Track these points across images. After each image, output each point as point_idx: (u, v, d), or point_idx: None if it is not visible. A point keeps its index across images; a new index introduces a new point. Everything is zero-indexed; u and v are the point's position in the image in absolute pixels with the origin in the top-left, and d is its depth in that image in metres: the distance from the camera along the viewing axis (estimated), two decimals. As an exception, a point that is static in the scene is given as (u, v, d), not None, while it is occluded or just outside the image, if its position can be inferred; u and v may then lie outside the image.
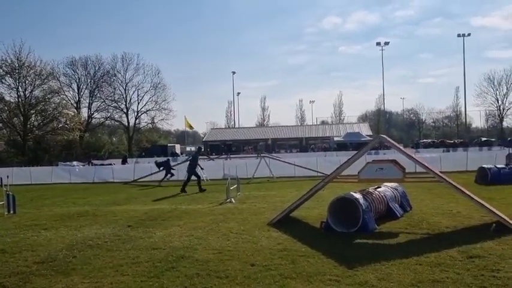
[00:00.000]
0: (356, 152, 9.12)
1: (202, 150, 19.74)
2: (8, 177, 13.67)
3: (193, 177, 16.33)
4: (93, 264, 5.87)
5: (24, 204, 13.00)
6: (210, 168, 21.90)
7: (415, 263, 5.44)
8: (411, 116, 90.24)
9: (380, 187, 9.14)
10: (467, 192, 7.61)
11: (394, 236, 7.07)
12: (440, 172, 8.23)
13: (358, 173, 8.18)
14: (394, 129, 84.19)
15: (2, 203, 11.34)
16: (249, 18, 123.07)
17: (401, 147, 8.66)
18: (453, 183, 7.65)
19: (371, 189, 8.77)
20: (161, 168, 20.70)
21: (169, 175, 20.45)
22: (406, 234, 7.20)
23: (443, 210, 9.40)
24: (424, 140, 61.52)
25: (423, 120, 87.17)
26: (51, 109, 47.63)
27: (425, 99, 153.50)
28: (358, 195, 7.71)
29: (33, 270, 5.71)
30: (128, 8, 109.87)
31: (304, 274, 5.12)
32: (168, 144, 61.79)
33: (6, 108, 45.55)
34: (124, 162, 31.81)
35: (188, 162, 17.42)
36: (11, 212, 11.18)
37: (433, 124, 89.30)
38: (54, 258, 6.30)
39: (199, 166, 17.45)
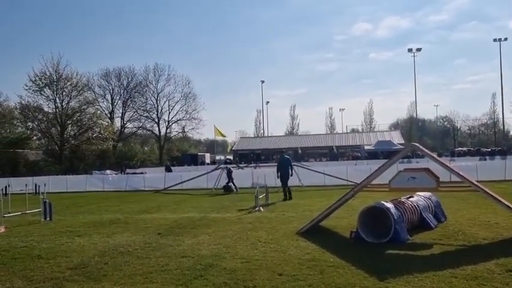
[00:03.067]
0: (387, 160, 8.92)
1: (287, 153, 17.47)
2: (45, 185, 14.18)
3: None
4: (124, 271, 5.96)
5: (59, 211, 13.40)
6: (239, 177, 21.98)
7: (450, 275, 5.23)
8: (445, 123, 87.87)
9: (412, 196, 8.89)
10: (506, 203, 7.30)
11: (428, 247, 6.83)
12: (477, 181, 7.93)
13: (390, 181, 7.98)
14: (427, 137, 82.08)
15: (39, 210, 11.75)
16: (276, 27, 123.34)
17: (434, 155, 8.40)
18: (491, 192, 7.35)
19: (403, 199, 8.54)
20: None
21: None
22: (441, 245, 6.95)
23: (480, 221, 9.04)
24: (460, 148, 59.60)
25: (458, 127, 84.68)
26: (86, 119, 49.16)
27: (459, 106, 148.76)
28: (389, 205, 7.51)
29: (66, 276, 5.85)
30: (157, 19, 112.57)
31: (333, 285, 5.02)
32: (198, 153, 62.50)
33: (44, 118, 47.38)
34: (168, 170, 33.68)
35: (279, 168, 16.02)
36: (47, 218, 11.54)
37: (469, 132, 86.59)
38: (87, 264, 6.44)
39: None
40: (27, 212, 11.86)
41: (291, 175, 16.11)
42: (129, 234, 9.04)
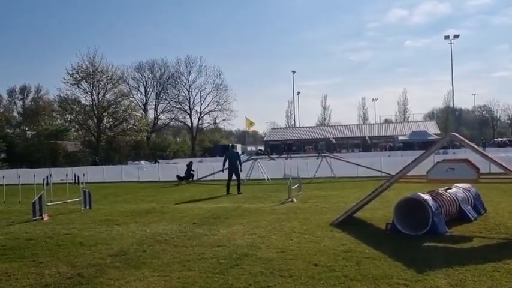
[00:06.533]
0: (424, 151, 8.70)
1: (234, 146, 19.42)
2: (83, 175, 14.70)
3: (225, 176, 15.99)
4: (162, 259, 6.12)
5: (98, 200, 13.86)
6: (271, 168, 22.03)
7: (492, 269, 5.08)
8: (483, 112, 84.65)
9: (451, 188, 8.65)
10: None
11: (468, 240, 6.65)
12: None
13: (427, 172, 7.78)
14: (464, 127, 79.26)
15: (79, 199, 12.20)
16: (309, 16, 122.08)
17: (474, 146, 8.13)
18: (535, 184, 7.05)
19: (441, 190, 8.32)
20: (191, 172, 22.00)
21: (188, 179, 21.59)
22: (481, 238, 6.75)
23: (523, 213, 8.70)
24: (500, 139, 57.36)
25: (497, 117, 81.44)
26: (121, 111, 50.37)
27: (499, 95, 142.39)
28: (426, 196, 7.35)
29: (107, 262, 6.07)
30: (189, 11, 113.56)
31: (370, 277, 4.97)
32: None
33: (82, 111, 48.93)
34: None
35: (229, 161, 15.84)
36: (87, 207, 11.99)
37: (509, 121, 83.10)
38: (126, 252, 6.65)
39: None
40: (68, 201, 12.33)
41: (241, 171, 15.87)
42: (165, 223, 9.25)
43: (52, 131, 50.16)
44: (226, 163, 16.20)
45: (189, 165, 22.36)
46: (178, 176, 21.79)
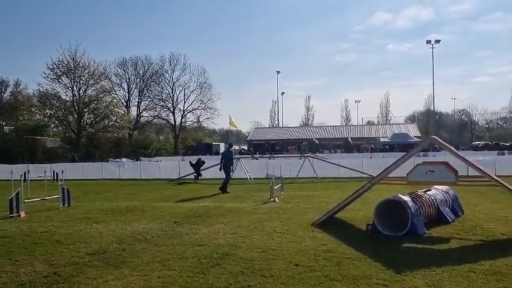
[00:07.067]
0: (405, 153, 8.82)
1: (233, 147, 19.36)
2: (62, 172, 14.40)
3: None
4: (142, 258, 6.05)
5: (77, 198, 13.64)
6: (254, 168, 22.02)
7: (468, 270, 5.19)
8: (462, 116, 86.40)
9: (430, 190, 8.80)
10: (527, 198, 7.16)
11: (445, 241, 6.77)
12: (495, 176, 7.79)
13: (407, 174, 7.90)
14: (444, 130, 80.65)
15: (57, 196, 11.97)
16: (294, 17, 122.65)
17: (453, 149, 8.28)
18: (510, 187, 7.22)
19: (420, 192, 8.46)
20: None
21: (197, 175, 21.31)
22: (458, 240, 6.88)
23: (498, 216, 8.91)
24: (477, 142, 58.67)
25: (476, 121, 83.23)
26: (102, 108, 49.51)
27: (479, 100, 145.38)
28: (406, 198, 7.45)
29: (86, 261, 5.97)
30: (174, 9, 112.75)
31: (350, 277, 5.02)
32: (213, 143, 62.75)
33: (62, 106, 47.93)
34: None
35: (222, 161, 16.24)
36: (66, 205, 11.77)
37: (487, 126, 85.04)
38: (105, 250, 6.55)
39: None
40: (46, 198, 12.08)
41: (233, 170, 16.66)
42: (146, 221, 9.16)
43: (31, 127, 49.01)
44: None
45: (198, 162, 21.93)
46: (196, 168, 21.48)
